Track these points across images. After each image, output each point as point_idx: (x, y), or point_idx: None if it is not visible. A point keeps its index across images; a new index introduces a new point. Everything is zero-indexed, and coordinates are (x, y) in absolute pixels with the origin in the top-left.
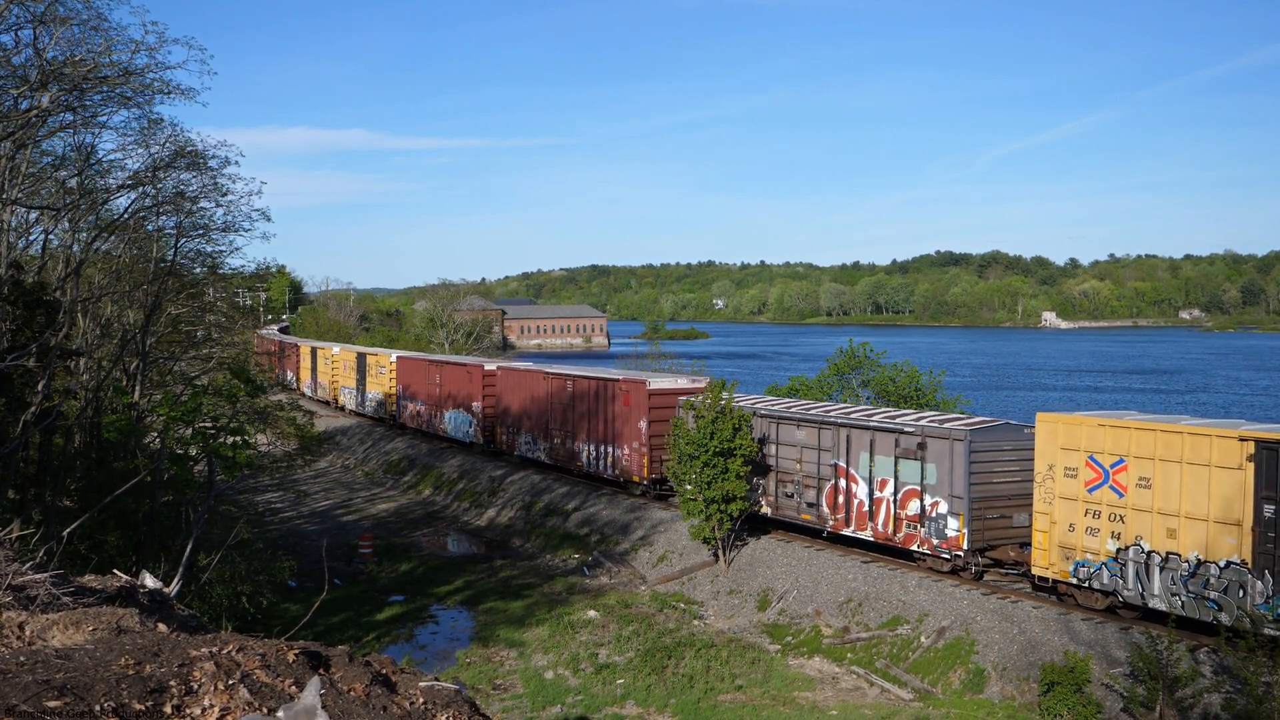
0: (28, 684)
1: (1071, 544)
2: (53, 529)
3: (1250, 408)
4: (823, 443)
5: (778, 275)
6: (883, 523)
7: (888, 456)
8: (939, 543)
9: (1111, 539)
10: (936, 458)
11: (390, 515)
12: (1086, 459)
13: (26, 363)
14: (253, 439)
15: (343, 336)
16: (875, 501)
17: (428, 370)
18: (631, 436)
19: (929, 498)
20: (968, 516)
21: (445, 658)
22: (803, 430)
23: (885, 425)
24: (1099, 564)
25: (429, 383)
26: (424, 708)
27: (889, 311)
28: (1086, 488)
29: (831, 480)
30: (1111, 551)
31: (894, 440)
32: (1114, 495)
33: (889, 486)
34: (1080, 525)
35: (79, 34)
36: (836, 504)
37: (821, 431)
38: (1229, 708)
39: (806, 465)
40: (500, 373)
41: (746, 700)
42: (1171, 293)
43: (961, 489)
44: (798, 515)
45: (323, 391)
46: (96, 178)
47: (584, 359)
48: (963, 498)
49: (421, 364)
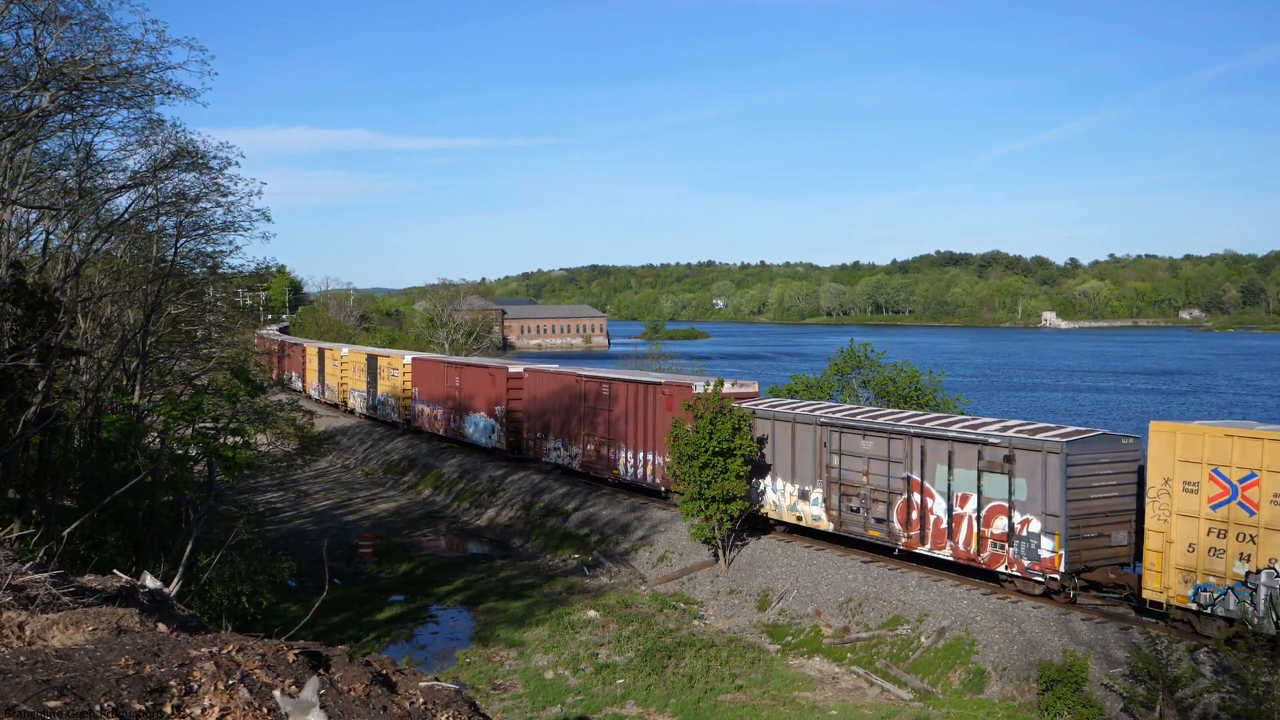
0: (28, 684)
1: (1191, 566)
2: (53, 529)
3: (1251, 408)
4: (893, 454)
5: (778, 275)
6: (964, 541)
7: (969, 469)
8: (1031, 564)
9: (1240, 561)
10: (1027, 471)
11: (390, 515)
12: (1210, 472)
13: (27, 363)
14: (253, 439)
15: (343, 336)
16: (955, 518)
17: (446, 373)
18: None
19: (1018, 515)
20: (1064, 536)
21: (445, 658)
22: (869, 440)
23: (966, 436)
24: (1224, 588)
25: (447, 386)
26: (424, 708)
27: (889, 311)
28: (1210, 504)
29: (904, 494)
30: (1240, 575)
31: (976, 452)
32: (1243, 513)
33: (971, 502)
34: (1202, 545)
35: (79, 34)
36: (910, 520)
37: (892, 442)
38: (1229, 708)
39: (874, 478)
40: (527, 375)
41: (746, 700)
42: (1171, 293)
43: (1057, 506)
44: (864, 531)
45: (331, 394)
46: (96, 178)
47: (584, 359)
48: (1059, 515)
49: (439, 366)
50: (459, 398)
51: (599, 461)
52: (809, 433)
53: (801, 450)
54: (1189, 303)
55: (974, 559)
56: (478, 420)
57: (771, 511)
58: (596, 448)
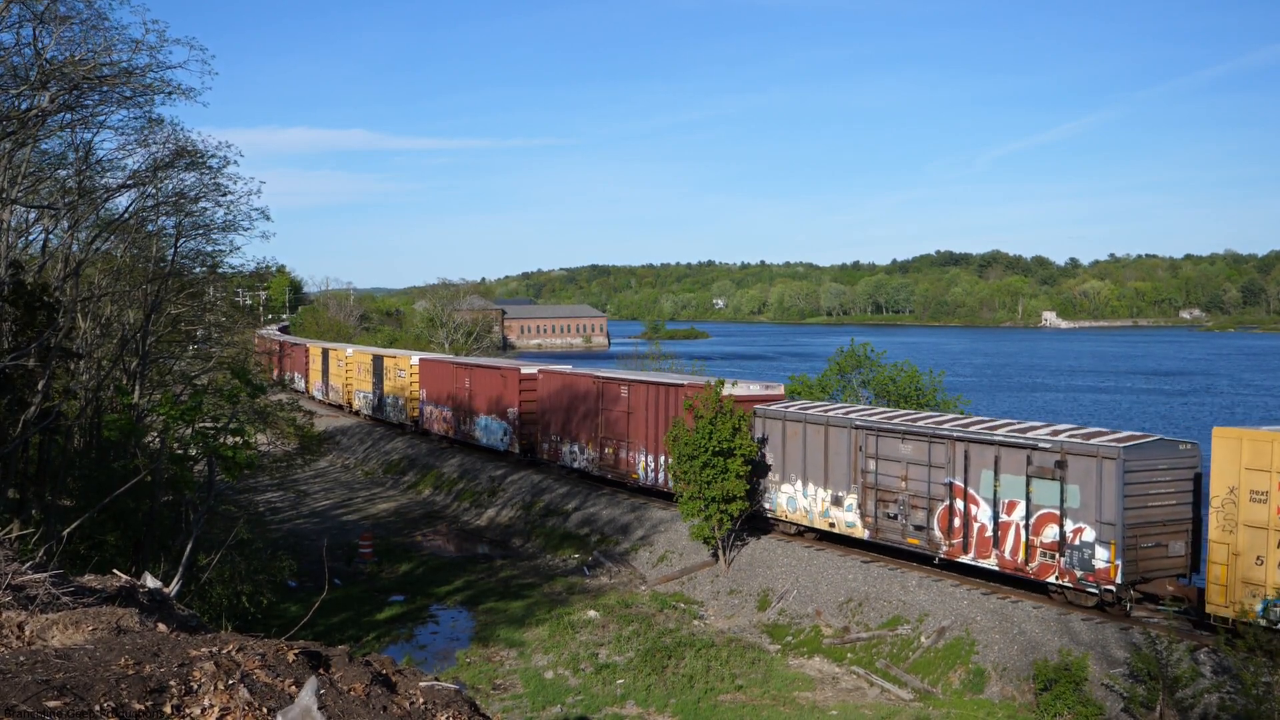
0: (28, 684)
1: (1259, 579)
2: (53, 529)
3: (1253, 408)
4: (934, 458)
5: (778, 275)
6: (1011, 550)
7: (1017, 475)
8: (1084, 575)
9: None
10: (1080, 477)
11: (390, 515)
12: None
13: (27, 363)
14: (253, 439)
15: (343, 336)
16: (1001, 526)
17: (455, 373)
18: None
19: (1070, 523)
20: (1121, 545)
21: (445, 658)
22: (909, 444)
23: (1014, 440)
24: None
25: (457, 387)
26: (424, 708)
27: (889, 311)
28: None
29: (945, 501)
30: None
31: (1025, 457)
32: None
33: (1019, 509)
34: (1271, 558)
35: (79, 33)
36: (952, 528)
37: (933, 446)
38: (1229, 708)
39: (914, 483)
40: (541, 376)
41: (746, 700)
42: (1171, 293)
43: (1113, 514)
44: (903, 539)
45: (335, 395)
46: (96, 177)
47: (584, 359)
48: (1115, 524)
49: (448, 367)
50: (469, 399)
51: (617, 465)
52: (843, 436)
53: (835, 454)
54: (1189, 303)
55: (1021, 569)
56: (489, 422)
57: (801, 518)
58: (614, 451)
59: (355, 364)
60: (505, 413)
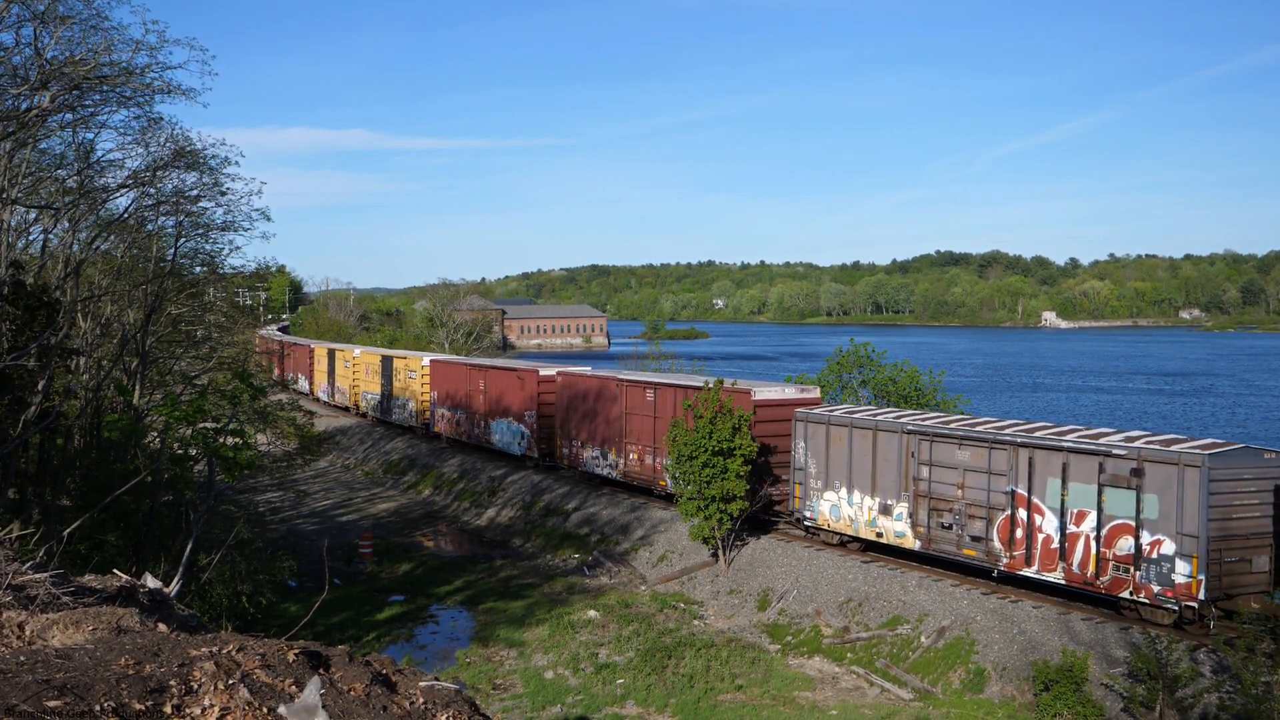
0: (28, 684)
1: None
2: (53, 529)
3: (1255, 409)
4: (994, 465)
5: (778, 275)
6: (1079, 563)
7: (1087, 484)
8: (1161, 590)
9: None
10: (1159, 487)
11: (390, 515)
12: None
13: (26, 363)
14: (253, 440)
15: (343, 336)
16: (1069, 537)
17: (469, 375)
18: None
19: (1148, 535)
20: (1204, 560)
21: (445, 658)
22: (966, 450)
23: (1085, 446)
24: None
25: (471, 389)
26: (424, 708)
27: (889, 311)
28: None
29: (1006, 510)
30: None
31: (1097, 464)
32: None
33: (1089, 520)
34: None
35: (79, 33)
36: (1013, 539)
37: (993, 452)
38: (1229, 708)
39: (971, 491)
40: (560, 378)
41: (746, 700)
42: (1171, 293)
43: (1195, 526)
44: (958, 550)
45: (341, 396)
46: (96, 177)
47: (584, 359)
48: (1197, 537)
49: (461, 368)
50: (484, 402)
51: (643, 471)
52: (893, 441)
53: (884, 460)
54: (1189, 303)
55: (1091, 583)
56: (505, 426)
57: (845, 527)
58: (640, 457)
59: (363, 365)
60: (522, 416)
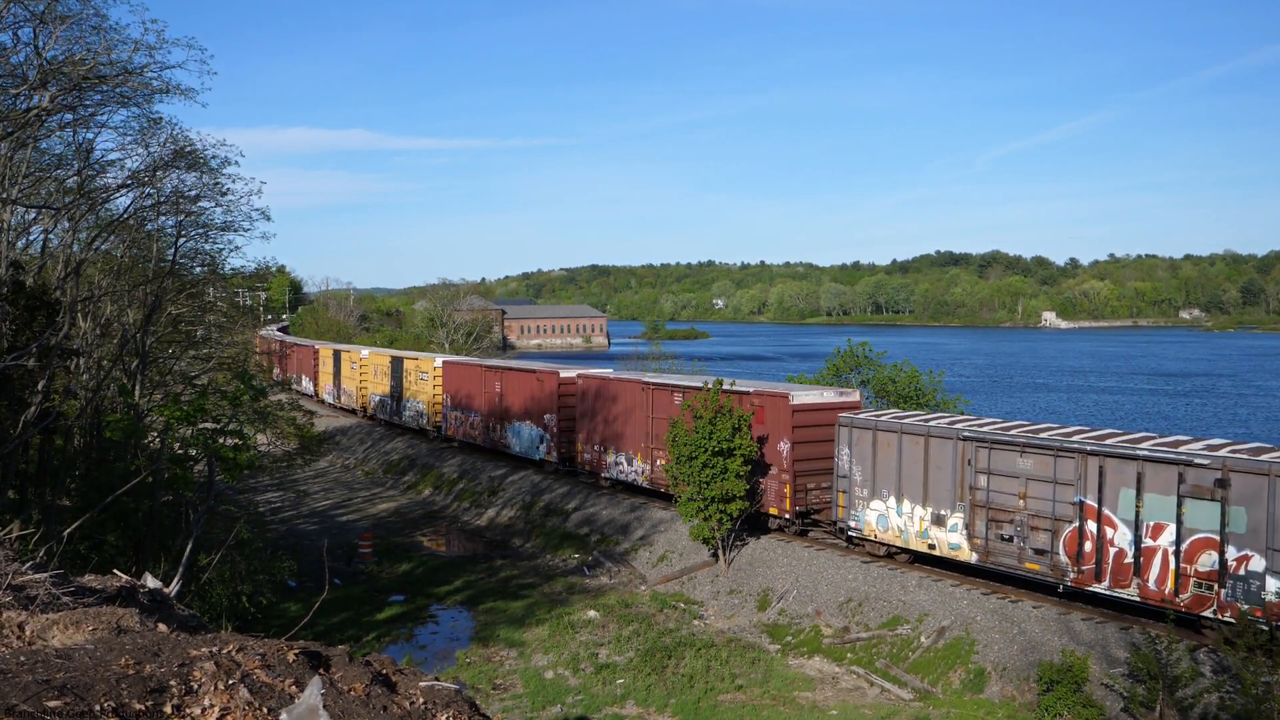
0: (28, 684)
1: None
2: (53, 529)
3: (1257, 409)
4: (1060, 474)
5: (778, 275)
6: (1156, 580)
7: (1165, 495)
8: (1250, 609)
9: None
10: (1248, 499)
11: (390, 515)
12: None
13: (26, 363)
14: (253, 440)
15: (343, 336)
16: (1144, 552)
17: (484, 377)
18: (768, 461)
19: (1234, 550)
20: None
21: (445, 658)
22: (1029, 458)
23: (1163, 455)
24: None
25: (486, 392)
26: (424, 707)
27: (889, 311)
28: None
29: (1074, 522)
30: None
31: (1176, 474)
32: None
33: (1167, 533)
34: None
35: (79, 33)
36: (1081, 553)
37: (1059, 460)
38: (1229, 708)
39: (1034, 502)
40: (582, 381)
41: (746, 700)
42: (1171, 293)
43: None
44: (1019, 564)
45: (348, 398)
46: (96, 177)
47: (584, 359)
48: None
49: (476, 370)
50: (500, 405)
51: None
52: (947, 448)
53: (937, 468)
54: (1189, 303)
55: (1170, 600)
56: (523, 430)
57: (894, 538)
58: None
59: (371, 366)
60: (542, 419)
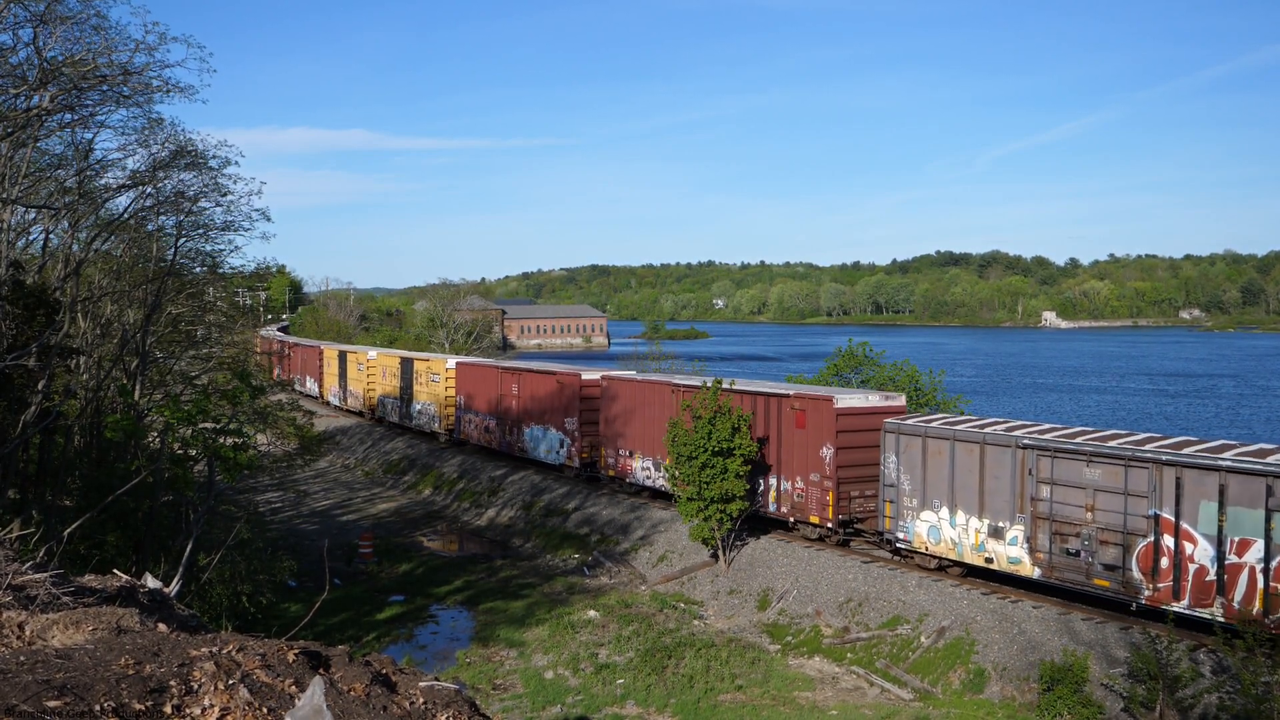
0: (28, 684)
1: None
2: (53, 529)
3: (1259, 410)
4: (1132, 485)
5: (778, 275)
6: (1242, 599)
7: (1252, 508)
8: None
9: None
10: None
11: (390, 515)
12: None
13: (26, 363)
14: (253, 440)
15: (343, 336)
16: (1229, 569)
17: (501, 379)
18: (809, 467)
19: None
20: None
21: (445, 658)
22: (1097, 468)
23: (1249, 465)
24: None
25: (503, 394)
26: (424, 707)
27: (889, 311)
28: None
29: (1148, 537)
30: None
31: (1264, 486)
32: None
33: (1254, 550)
34: None
35: (79, 33)
36: (1157, 569)
37: (1131, 470)
38: (1229, 708)
39: (1104, 515)
40: (606, 384)
41: (746, 700)
42: (1171, 293)
43: None
44: (1087, 580)
45: (355, 400)
46: (96, 177)
47: (585, 359)
48: None
49: (492, 371)
50: (517, 408)
51: None
52: (1005, 457)
53: (994, 478)
54: (1189, 303)
55: (1258, 621)
56: (542, 434)
57: (947, 551)
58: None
59: (379, 368)
60: (562, 423)
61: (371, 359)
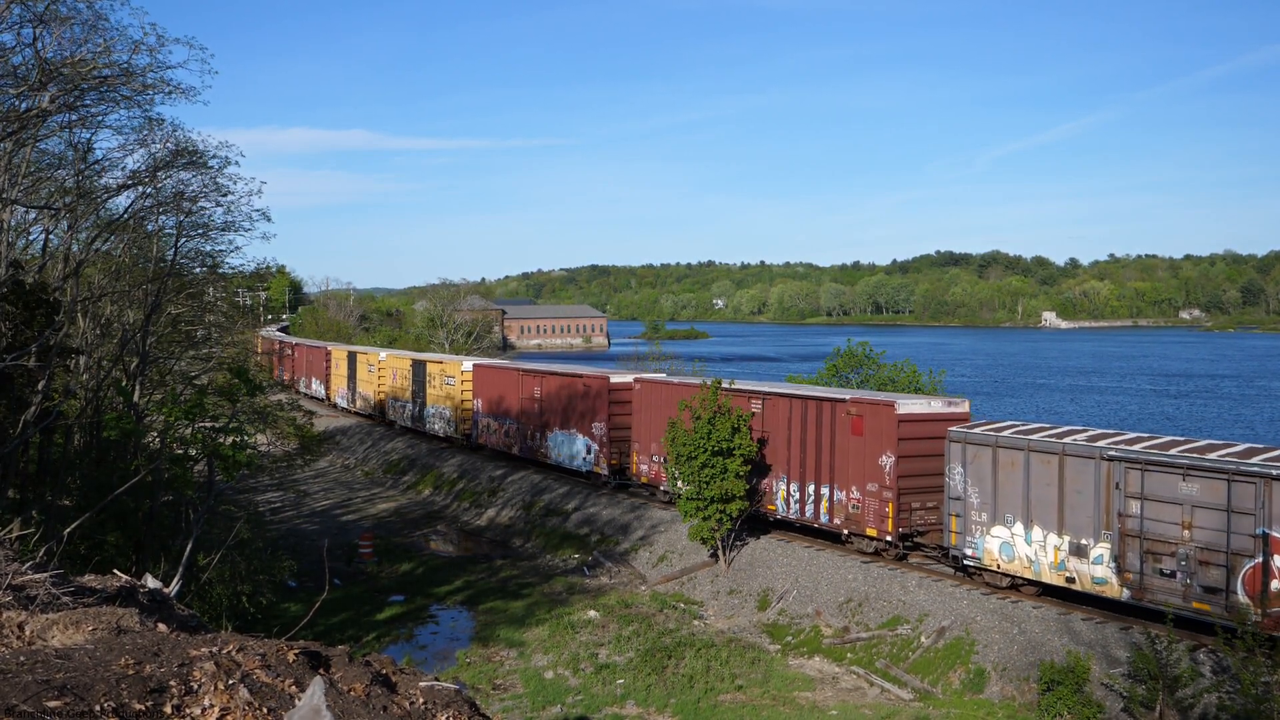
0: (28, 684)
1: None
2: (53, 529)
3: (1260, 410)
4: (1236, 501)
5: (778, 275)
6: None
7: None
8: None
9: None
10: None
11: (390, 515)
12: None
13: (26, 363)
14: (252, 439)
15: (343, 336)
16: None
17: (521, 381)
18: (867, 476)
19: None
20: None
21: (445, 658)
22: (1194, 482)
23: None
24: None
25: (523, 398)
26: (424, 708)
27: (889, 311)
28: None
29: (1255, 558)
30: None
31: None
32: None
33: None
34: None
35: (79, 34)
36: (1266, 593)
37: (1234, 485)
38: (1229, 708)
39: (1202, 533)
40: (639, 387)
41: (746, 700)
42: (1171, 293)
43: None
44: (1185, 603)
45: (364, 403)
46: (96, 177)
47: (585, 359)
48: None
49: (512, 374)
50: (539, 412)
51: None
52: (1087, 469)
53: (1075, 491)
54: (1189, 303)
55: None
56: (567, 439)
57: (1023, 569)
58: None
59: (389, 370)
60: (590, 428)
61: (382, 360)
